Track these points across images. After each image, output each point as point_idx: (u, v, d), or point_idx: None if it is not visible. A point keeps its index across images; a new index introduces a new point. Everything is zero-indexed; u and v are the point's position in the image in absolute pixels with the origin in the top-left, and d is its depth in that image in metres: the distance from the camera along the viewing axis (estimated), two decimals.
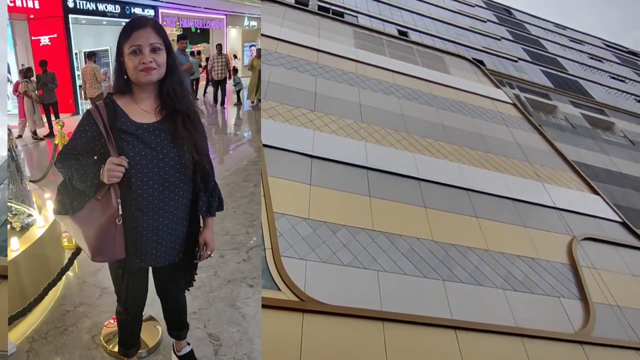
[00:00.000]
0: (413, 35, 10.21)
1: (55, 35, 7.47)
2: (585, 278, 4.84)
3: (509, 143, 6.97)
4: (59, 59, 7.51)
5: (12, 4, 6.62)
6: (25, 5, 6.81)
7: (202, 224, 1.53)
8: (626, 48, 19.53)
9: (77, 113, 7.89)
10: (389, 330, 3.18)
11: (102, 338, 1.97)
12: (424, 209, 4.69)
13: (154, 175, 1.30)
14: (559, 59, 13.56)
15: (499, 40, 12.91)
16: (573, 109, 10.19)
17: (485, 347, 3.43)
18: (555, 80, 11.59)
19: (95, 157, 1.26)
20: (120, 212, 1.28)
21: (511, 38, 13.64)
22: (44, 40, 7.41)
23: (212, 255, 1.54)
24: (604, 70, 14.54)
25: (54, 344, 1.94)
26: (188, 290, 1.69)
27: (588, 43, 17.42)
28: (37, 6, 7.00)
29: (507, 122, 7.63)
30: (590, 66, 14.32)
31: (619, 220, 6.33)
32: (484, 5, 16.15)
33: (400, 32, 10.17)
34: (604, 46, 18.11)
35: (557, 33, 16.79)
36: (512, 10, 17.29)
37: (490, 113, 7.69)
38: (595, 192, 6.71)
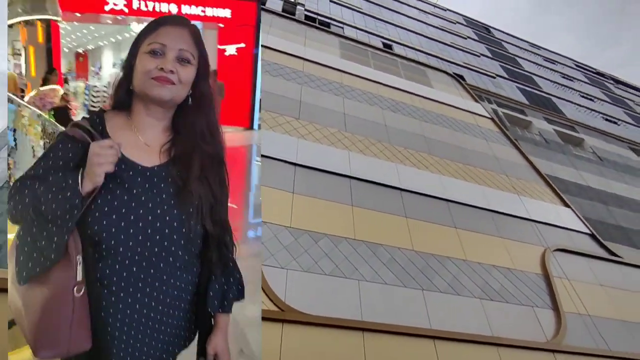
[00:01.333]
0: (397, 49, 10.47)
1: (244, 45, 7.19)
2: (557, 288, 5.01)
3: (487, 156, 7.21)
4: (243, 69, 7.19)
5: (202, 13, 6.37)
6: (216, 15, 6.63)
7: (212, 324, 1.02)
8: (594, 69, 20.73)
9: (251, 127, 7.37)
10: (368, 341, 3.18)
11: None
12: (405, 219, 4.76)
13: (138, 243, 0.85)
14: (533, 76, 14.22)
15: (479, 56, 13.43)
16: (547, 125, 10.67)
17: (462, 356, 3.48)
18: (530, 97, 12.12)
19: (64, 184, 0.80)
20: (80, 278, 0.81)
21: (490, 55, 14.21)
22: (230, 49, 7.14)
23: None
24: (574, 89, 15.34)
25: None
26: None
27: (560, 63, 18.38)
28: (228, 15, 6.80)
29: (485, 136, 7.89)
30: (562, 85, 15.08)
31: (588, 232, 6.63)
32: (464, 23, 16.81)
33: (385, 44, 10.41)
34: (575, 66, 19.16)
35: (532, 52, 17.64)
36: (491, 29, 18.07)
37: (470, 126, 7.94)
38: (567, 205, 7.01)
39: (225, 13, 6.86)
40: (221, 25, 6.97)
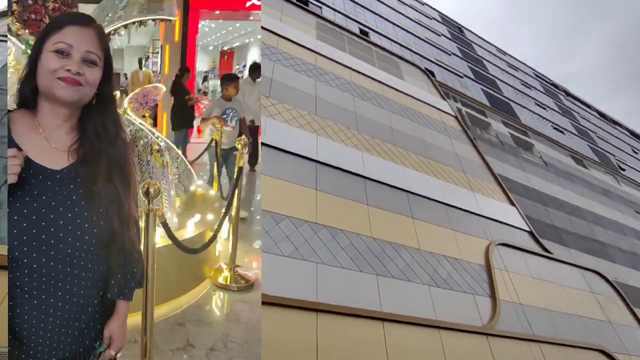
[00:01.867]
0: (374, 37, 10.46)
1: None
2: (497, 279, 5.47)
3: (448, 152, 7.54)
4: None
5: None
6: None
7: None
8: (550, 80, 22.26)
9: None
10: (322, 321, 3.27)
11: None
12: (366, 206, 4.88)
13: (51, 248, 0.87)
14: (497, 80, 14.97)
15: (450, 55, 13.82)
16: (503, 128, 11.36)
17: (407, 338, 3.72)
18: (491, 99, 12.78)
19: None
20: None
21: (460, 55, 14.69)
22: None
23: (117, 356, 1.06)
24: (531, 97, 16.40)
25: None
26: None
27: (522, 70, 19.49)
28: None
29: (448, 133, 8.23)
30: (520, 91, 16.04)
31: (528, 230, 7.26)
32: (439, 19, 17.13)
33: (361, 31, 10.34)
34: (534, 75, 20.43)
35: (498, 57, 18.50)
36: (463, 29, 18.61)
37: (435, 122, 8.22)
38: (513, 204, 7.59)
39: None
40: None
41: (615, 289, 7.63)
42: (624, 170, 16.58)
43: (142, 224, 1.63)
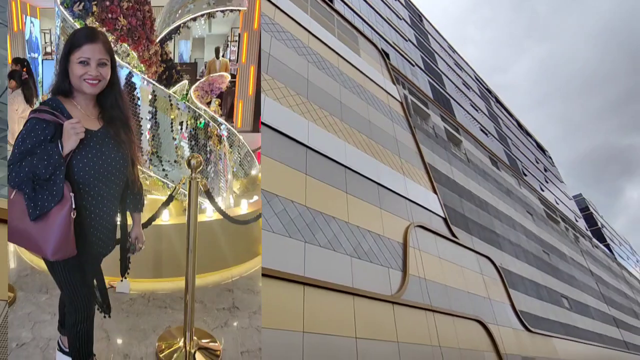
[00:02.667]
0: (338, 4, 10.13)
1: None
2: (409, 256, 6.09)
3: (389, 136, 7.90)
4: None
5: None
6: None
7: (132, 222, 1.73)
8: (486, 85, 24.33)
9: None
10: None
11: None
12: (304, 175, 4.93)
13: (103, 181, 1.43)
14: (443, 76, 15.85)
15: (407, 41, 14.12)
16: (440, 122, 12.23)
17: (325, 300, 3.98)
18: (435, 93, 13.56)
19: (51, 153, 1.29)
20: (74, 206, 1.33)
21: (415, 43, 15.11)
22: None
23: (143, 247, 1.76)
24: (468, 97, 17.79)
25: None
26: (124, 278, 1.76)
27: (465, 71, 20.89)
28: None
29: (392, 117, 8.58)
30: (460, 90, 17.28)
31: (443, 216, 8.12)
32: (403, 3, 17.23)
33: None
34: (474, 78, 22.08)
35: (448, 53, 19.49)
36: (423, 19, 19.04)
37: (382, 105, 8.48)
38: (435, 192, 8.37)
39: None
40: None
41: (499, 273, 9.09)
42: (526, 175, 19.32)
43: (185, 190, 2.07)
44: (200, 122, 2.77)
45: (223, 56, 5.43)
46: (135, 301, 2.21)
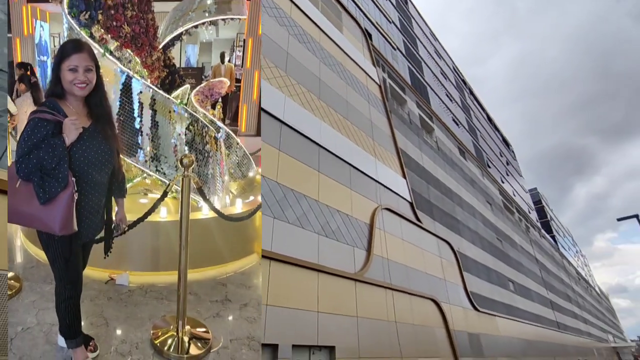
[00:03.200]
0: None
1: None
2: (375, 236, 6.29)
3: (364, 117, 7.92)
4: None
5: None
6: None
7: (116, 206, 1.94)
8: (462, 76, 24.85)
9: None
10: None
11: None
12: (277, 151, 4.86)
13: (95, 169, 1.65)
14: (422, 62, 15.95)
15: (390, 23, 13.96)
16: (415, 108, 12.41)
17: (290, 276, 4.05)
18: (413, 79, 13.66)
19: (55, 146, 1.52)
20: (75, 190, 1.56)
21: (399, 26, 14.98)
22: None
23: (126, 228, 1.98)
24: (444, 87, 18.11)
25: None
26: (107, 256, 1.97)
27: (444, 60, 21.14)
28: None
29: (369, 99, 8.58)
30: (438, 79, 17.53)
31: (410, 201, 8.41)
32: None
33: None
34: (452, 68, 22.44)
35: (430, 41, 19.56)
36: (409, 1, 18.83)
37: (360, 86, 8.43)
38: (404, 177, 8.60)
39: None
40: None
41: (456, 257, 9.66)
42: (489, 167, 20.31)
43: (178, 187, 2.17)
44: (198, 126, 2.92)
45: (229, 61, 5.58)
46: (134, 292, 2.38)
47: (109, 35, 2.76)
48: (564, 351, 17.63)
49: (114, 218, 1.91)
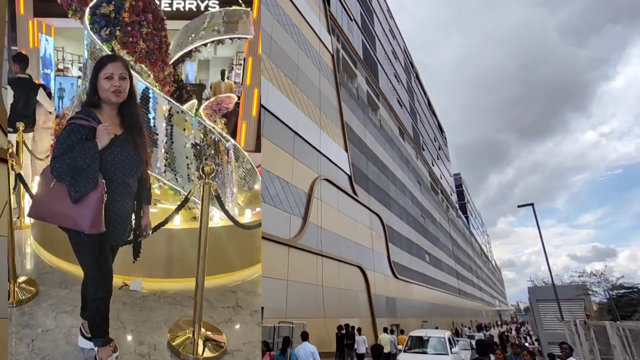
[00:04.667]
0: None
1: None
2: (312, 205, 6.44)
3: (314, 86, 7.79)
4: None
5: None
6: None
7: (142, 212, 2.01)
8: (411, 59, 25.66)
9: None
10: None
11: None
12: None
13: (123, 173, 1.78)
14: (376, 39, 16.01)
15: None
16: (364, 84, 12.57)
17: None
18: (366, 54, 13.70)
19: (89, 149, 1.66)
20: (105, 190, 1.69)
21: None
22: None
23: (150, 233, 2.07)
24: (393, 67, 18.55)
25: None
26: (135, 261, 2.07)
27: (397, 40, 21.49)
28: None
29: (321, 69, 8.42)
30: (388, 58, 17.85)
31: (349, 174, 8.71)
32: None
33: None
34: (403, 49, 22.97)
35: (386, 18, 19.61)
36: None
37: (313, 52, 8.20)
38: (346, 150, 8.82)
39: None
40: None
41: (384, 229, 10.42)
42: (424, 150, 21.84)
43: (194, 199, 2.36)
44: (210, 138, 3.10)
45: (228, 78, 5.45)
46: (148, 298, 2.58)
47: (125, 51, 2.98)
48: (461, 313, 20.68)
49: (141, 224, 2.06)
